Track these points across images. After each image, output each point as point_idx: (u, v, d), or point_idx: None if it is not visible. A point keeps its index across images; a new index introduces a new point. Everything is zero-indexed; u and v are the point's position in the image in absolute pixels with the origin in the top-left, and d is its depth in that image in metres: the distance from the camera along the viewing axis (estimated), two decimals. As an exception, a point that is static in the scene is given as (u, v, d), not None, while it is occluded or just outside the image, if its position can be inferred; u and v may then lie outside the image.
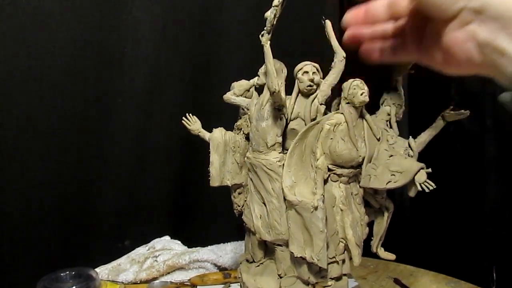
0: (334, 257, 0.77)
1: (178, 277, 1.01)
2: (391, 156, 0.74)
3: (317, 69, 0.79)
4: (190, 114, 0.90)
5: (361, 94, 0.76)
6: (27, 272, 1.11)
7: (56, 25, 1.12)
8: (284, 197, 0.76)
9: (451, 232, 1.30)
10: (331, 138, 0.76)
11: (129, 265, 1.06)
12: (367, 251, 0.84)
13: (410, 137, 0.79)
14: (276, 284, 0.80)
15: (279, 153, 0.78)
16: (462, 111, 0.78)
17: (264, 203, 0.79)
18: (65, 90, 1.15)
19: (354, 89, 0.76)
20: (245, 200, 0.86)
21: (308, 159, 0.76)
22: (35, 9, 1.09)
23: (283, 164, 0.77)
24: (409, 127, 1.22)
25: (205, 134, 0.88)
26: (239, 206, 0.88)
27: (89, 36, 1.16)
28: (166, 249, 1.10)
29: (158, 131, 1.28)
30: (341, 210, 0.77)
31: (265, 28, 0.70)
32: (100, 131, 1.21)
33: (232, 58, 1.28)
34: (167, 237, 1.19)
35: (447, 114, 0.80)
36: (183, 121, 0.89)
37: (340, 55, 0.78)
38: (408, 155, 0.76)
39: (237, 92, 0.87)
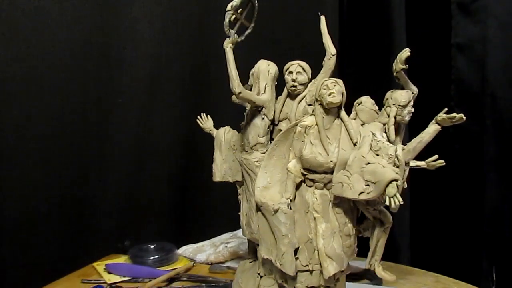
0: (307, 265, 0.71)
1: (237, 264, 1.05)
2: (368, 163, 0.66)
3: (303, 69, 0.76)
4: (204, 114, 0.92)
5: (329, 95, 0.69)
6: (26, 272, 1.11)
7: (56, 25, 1.12)
8: None
9: (451, 232, 1.30)
10: (302, 141, 0.72)
11: (208, 248, 1.14)
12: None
13: (399, 145, 0.72)
14: (254, 283, 0.78)
15: (262, 153, 0.77)
16: (454, 114, 0.69)
17: (248, 201, 0.79)
18: (65, 90, 1.15)
19: (324, 89, 0.70)
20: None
21: (286, 162, 0.73)
22: (35, 9, 1.09)
23: None
24: (409, 127, 1.22)
25: (214, 132, 0.90)
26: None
27: (89, 36, 1.16)
28: (242, 237, 1.14)
29: (158, 131, 1.27)
30: (314, 217, 0.71)
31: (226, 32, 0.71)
32: (100, 131, 1.21)
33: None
34: None
35: (440, 118, 0.71)
36: (197, 120, 0.91)
37: (329, 52, 0.74)
38: (394, 165, 0.68)
39: None
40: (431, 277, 1.01)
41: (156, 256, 1.07)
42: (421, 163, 0.77)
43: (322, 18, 0.77)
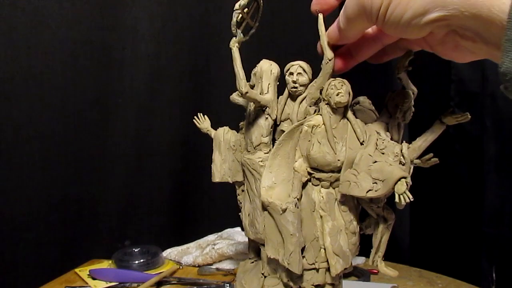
0: (313, 263, 0.73)
1: (227, 266, 1.08)
2: (375, 162, 0.68)
3: (303, 70, 0.76)
4: (201, 114, 0.91)
5: (337, 95, 0.70)
6: (26, 272, 1.11)
7: (56, 25, 1.12)
8: None
9: (451, 232, 1.30)
10: (309, 141, 0.73)
11: (194, 250, 1.14)
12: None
13: (404, 142, 0.73)
14: (258, 283, 0.78)
15: (265, 153, 0.77)
16: (461, 113, 0.72)
17: (251, 202, 0.79)
18: (65, 90, 1.15)
19: (332, 89, 0.71)
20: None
21: (292, 161, 0.74)
22: (35, 9, 1.09)
23: None
24: (409, 127, 1.22)
25: (212, 133, 0.90)
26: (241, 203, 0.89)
27: (89, 36, 1.16)
28: (228, 238, 1.15)
29: (158, 131, 1.28)
30: (321, 216, 0.73)
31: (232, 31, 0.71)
32: (100, 131, 1.21)
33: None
34: (237, 229, 1.22)
35: (445, 117, 0.73)
36: (194, 120, 0.91)
37: (325, 56, 0.73)
38: (400, 163, 0.70)
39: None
40: (414, 272, 1.03)
41: (142, 260, 1.06)
42: (417, 161, 0.78)
43: (320, 16, 0.74)
